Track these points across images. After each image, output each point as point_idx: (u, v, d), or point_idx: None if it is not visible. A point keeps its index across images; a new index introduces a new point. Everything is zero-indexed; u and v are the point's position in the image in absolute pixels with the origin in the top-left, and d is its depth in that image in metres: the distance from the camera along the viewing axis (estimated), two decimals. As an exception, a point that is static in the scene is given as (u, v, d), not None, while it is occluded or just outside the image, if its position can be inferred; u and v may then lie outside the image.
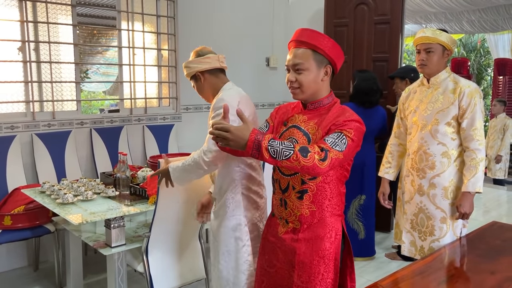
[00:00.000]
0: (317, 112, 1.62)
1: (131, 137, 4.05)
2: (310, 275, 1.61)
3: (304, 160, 1.37)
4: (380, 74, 4.20)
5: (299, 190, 1.61)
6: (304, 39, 1.59)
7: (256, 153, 1.38)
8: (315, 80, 1.59)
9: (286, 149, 1.37)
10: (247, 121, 1.43)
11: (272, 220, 1.79)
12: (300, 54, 1.58)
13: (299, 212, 1.63)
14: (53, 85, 3.61)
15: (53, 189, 2.76)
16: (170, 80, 4.43)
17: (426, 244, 2.49)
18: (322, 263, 1.61)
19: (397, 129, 2.71)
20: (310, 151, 1.39)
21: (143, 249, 2.40)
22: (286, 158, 1.37)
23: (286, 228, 1.69)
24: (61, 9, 3.70)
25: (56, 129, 3.59)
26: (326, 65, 1.60)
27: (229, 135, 1.38)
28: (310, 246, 1.62)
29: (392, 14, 4.10)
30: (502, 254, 2.11)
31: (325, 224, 1.62)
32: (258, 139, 1.37)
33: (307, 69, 1.57)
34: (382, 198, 2.72)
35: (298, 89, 1.60)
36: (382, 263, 3.62)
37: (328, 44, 1.59)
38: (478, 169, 2.30)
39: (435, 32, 2.39)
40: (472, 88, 2.35)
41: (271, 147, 1.37)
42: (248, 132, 1.38)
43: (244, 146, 1.38)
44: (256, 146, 1.37)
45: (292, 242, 1.65)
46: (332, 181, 1.61)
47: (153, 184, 2.58)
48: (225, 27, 4.75)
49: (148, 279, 2.39)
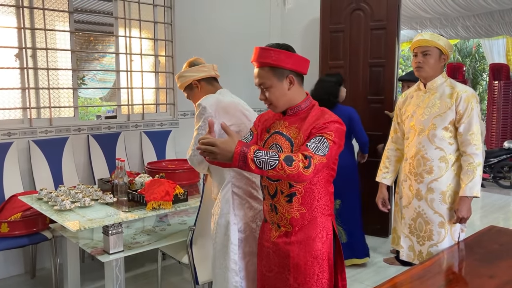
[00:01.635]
0: (297, 117, 1.68)
1: (128, 143, 4.04)
2: (306, 277, 1.65)
3: (289, 169, 1.42)
4: (376, 80, 4.23)
5: (287, 194, 1.65)
6: (259, 59, 1.64)
7: (243, 165, 1.44)
8: (283, 93, 1.64)
9: (271, 159, 1.42)
10: (232, 133, 1.49)
11: (265, 226, 1.82)
12: (261, 74, 1.65)
13: (289, 216, 1.66)
14: (50, 92, 3.61)
15: (51, 195, 2.75)
16: (168, 86, 4.43)
17: (424, 249, 2.49)
18: (316, 264, 1.65)
19: (394, 134, 2.72)
20: (294, 160, 1.44)
21: (188, 242, 2.47)
22: (272, 168, 1.43)
23: (278, 232, 1.72)
24: (58, 15, 3.70)
25: (53, 136, 3.58)
26: (288, 75, 1.63)
27: (216, 149, 1.44)
28: (303, 247, 1.66)
29: (388, 20, 4.13)
30: (501, 258, 2.11)
31: (316, 225, 1.66)
32: (244, 151, 1.43)
33: (271, 86, 1.63)
34: (380, 203, 2.72)
35: (272, 105, 1.68)
36: (380, 268, 3.62)
37: (281, 57, 1.61)
38: (475, 173, 2.30)
39: (433, 36, 2.41)
40: (469, 93, 2.37)
41: (256, 158, 1.42)
42: (233, 144, 1.44)
43: (230, 159, 1.44)
44: (242, 158, 1.43)
45: (286, 246, 1.69)
46: (319, 181, 1.65)
47: (151, 190, 2.57)
48: (222, 33, 4.76)
49: (193, 269, 2.49)
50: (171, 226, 3.01)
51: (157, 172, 2.97)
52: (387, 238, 4.22)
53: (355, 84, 4.33)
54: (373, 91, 4.26)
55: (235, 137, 1.47)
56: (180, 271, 3.49)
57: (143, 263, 3.63)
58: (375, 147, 4.05)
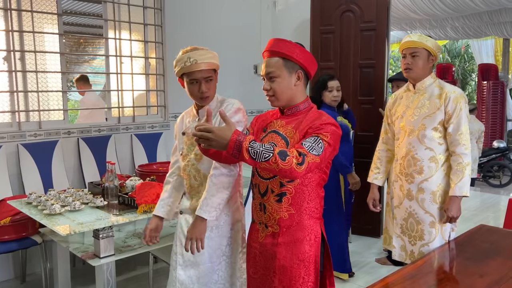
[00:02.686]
0: (295, 117, 1.68)
1: (119, 146, 4.01)
2: (291, 279, 1.64)
3: (283, 163, 1.41)
4: (367, 81, 4.25)
5: (278, 193, 1.64)
6: (274, 48, 1.66)
7: (237, 153, 1.42)
8: (288, 86, 1.65)
9: (266, 151, 1.41)
10: (230, 122, 1.47)
11: (252, 226, 1.82)
12: (271, 63, 1.65)
13: (278, 216, 1.65)
14: (39, 95, 3.57)
15: (40, 200, 2.72)
16: (158, 88, 4.41)
17: (416, 249, 2.51)
18: (303, 267, 1.64)
19: (384, 135, 2.73)
20: (288, 155, 1.43)
21: None
22: (265, 160, 1.41)
23: (265, 233, 1.72)
24: (47, 18, 3.67)
25: (42, 139, 3.55)
26: (298, 70, 1.66)
27: (211, 135, 1.42)
28: (290, 249, 1.65)
29: (378, 21, 4.15)
30: (490, 257, 2.13)
31: (304, 227, 1.65)
32: (240, 140, 1.41)
33: (279, 76, 1.64)
34: (371, 204, 2.73)
35: (273, 97, 1.67)
36: (372, 268, 3.63)
37: (296, 50, 1.65)
38: (464, 173, 2.32)
39: (421, 37, 2.43)
40: (457, 94, 2.39)
41: (251, 148, 1.41)
42: (230, 132, 1.42)
43: (225, 146, 1.42)
44: (237, 147, 1.41)
45: (272, 247, 1.68)
46: (311, 183, 1.65)
47: (141, 193, 2.56)
48: (213, 35, 4.76)
49: None
50: (163, 229, 2.98)
51: (148, 175, 2.96)
52: (379, 238, 4.24)
53: (345, 85, 4.34)
54: (363, 92, 4.28)
55: (232, 125, 1.45)
56: (172, 274, 3.47)
57: (135, 267, 3.60)
58: (365, 148, 4.06)
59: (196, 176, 2.03)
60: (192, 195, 2.06)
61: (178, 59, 1.92)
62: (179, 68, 1.91)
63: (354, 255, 3.86)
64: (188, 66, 1.87)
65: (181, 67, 1.89)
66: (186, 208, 2.07)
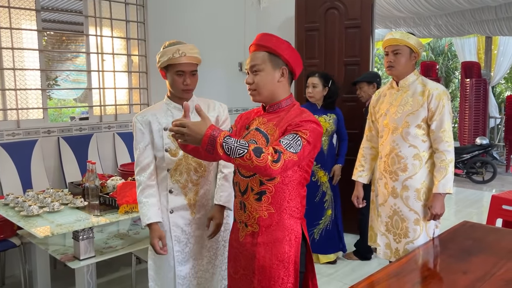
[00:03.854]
0: (276, 114, 1.66)
1: (101, 145, 3.94)
2: (270, 280, 1.61)
3: (257, 160, 1.39)
4: (351, 78, 4.24)
5: (257, 191, 1.62)
6: (261, 42, 1.65)
7: (211, 148, 1.40)
8: (271, 81, 1.64)
9: (240, 147, 1.39)
10: (205, 116, 1.44)
11: (234, 226, 1.80)
12: (257, 57, 1.64)
13: (257, 215, 1.63)
14: (17, 93, 3.48)
15: (17, 201, 2.65)
16: (141, 86, 4.35)
17: (401, 246, 2.50)
18: (282, 267, 1.61)
19: (368, 132, 2.73)
20: (264, 152, 1.41)
21: None
22: (239, 156, 1.39)
23: (245, 232, 1.69)
24: (25, 14, 3.58)
25: (21, 138, 3.46)
26: (282, 67, 1.65)
27: (186, 130, 1.40)
28: (270, 249, 1.62)
29: (362, 19, 4.15)
30: (474, 253, 2.13)
31: (284, 227, 1.63)
32: (214, 135, 1.39)
33: (263, 70, 1.62)
34: (356, 201, 2.73)
35: (255, 91, 1.65)
36: (357, 266, 3.63)
37: (282, 46, 1.65)
38: (448, 170, 2.33)
39: (403, 35, 2.42)
40: (440, 91, 2.38)
41: (225, 143, 1.39)
42: (205, 127, 1.40)
43: (199, 141, 1.40)
44: (211, 142, 1.39)
45: (252, 247, 1.66)
46: (291, 182, 1.62)
47: (123, 193, 2.51)
48: (197, 32, 4.70)
49: None
50: (145, 229, 2.94)
51: (130, 175, 2.90)
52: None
53: (330, 82, 4.34)
54: (348, 89, 4.27)
55: (207, 120, 1.43)
56: (156, 274, 3.42)
57: (118, 268, 3.54)
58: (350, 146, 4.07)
59: (197, 169, 2.05)
60: (186, 190, 2.05)
61: (166, 50, 1.94)
62: (166, 59, 1.92)
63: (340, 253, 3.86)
64: (177, 58, 1.90)
65: (169, 57, 1.91)
66: (182, 205, 2.05)
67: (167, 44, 1.99)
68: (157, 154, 2.05)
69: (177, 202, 2.05)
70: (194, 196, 2.07)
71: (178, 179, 2.04)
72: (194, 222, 2.08)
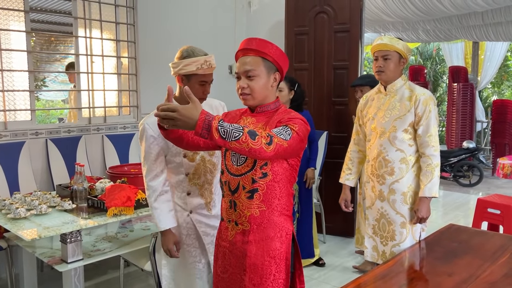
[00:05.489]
0: (264, 115, 1.69)
1: (89, 147, 3.92)
2: (262, 277, 1.63)
3: (252, 142, 1.41)
4: (341, 82, 4.28)
5: (249, 189, 1.63)
6: (253, 47, 1.65)
7: (206, 133, 1.38)
8: (266, 86, 1.66)
9: (236, 131, 1.40)
10: (195, 100, 1.42)
11: (222, 225, 1.79)
12: (251, 61, 1.64)
13: (249, 213, 1.64)
14: (4, 94, 3.45)
15: (4, 203, 2.62)
16: (131, 88, 4.33)
17: (387, 249, 2.53)
18: (274, 264, 1.64)
19: (356, 136, 2.76)
20: (257, 135, 1.44)
21: (150, 248, 2.41)
22: (235, 140, 1.39)
23: (235, 231, 1.70)
24: (13, 15, 3.54)
25: (8, 140, 3.42)
26: (275, 72, 1.68)
27: (177, 115, 1.37)
28: (261, 247, 1.64)
29: (352, 23, 4.19)
30: (459, 256, 2.17)
31: (275, 224, 1.65)
32: (209, 119, 1.38)
33: (258, 76, 1.63)
34: (343, 204, 2.75)
35: (249, 95, 1.66)
36: (346, 269, 3.66)
37: (276, 52, 1.67)
38: (433, 174, 2.36)
39: (392, 40, 2.46)
40: (426, 96, 2.42)
41: (221, 127, 1.39)
42: (197, 111, 1.38)
43: (193, 126, 1.38)
44: (206, 126, 1.38)
45: (243, 245, 1.67)
46: (282, 180, 1.64)
47: (111, 196, 2.50)
48: (187, 35, 4.70)
49: (156, 277, 2.42)
50: (134, 232, 2.94)
51: (118, 177, 2.89)
52: (352, 239, 4.27)
53: (319, 86, 4.38)
54: (337, 93, 4.31)
55: (198, 104, 1.41)
56: (145, 277, 3.41)
57: (106, 271, 3.52)
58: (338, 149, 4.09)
59: (212, 170, 2.12)
60: (203, 191, 2.12)
61: (193, 60, 1.94)
62: (194, 68, 1.93)
63: (327, 255, 3.88)
64: (205, 69, 1.95)
65: (197, 67, 1.93)
66: (200, 204, 2.12)
67: (185, 53, 1.97)
68: (174, 159, 2.05)
69: (195, 202, 2.12)
70: (210, 195, 2.15)
71: (196, 182, 2.10)
72: (213, 217, 2.15)
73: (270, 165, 1.61)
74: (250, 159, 1.61)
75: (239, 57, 1.70)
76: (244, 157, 1.63)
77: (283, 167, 1.63)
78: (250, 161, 1.62)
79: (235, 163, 1.65)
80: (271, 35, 4.93)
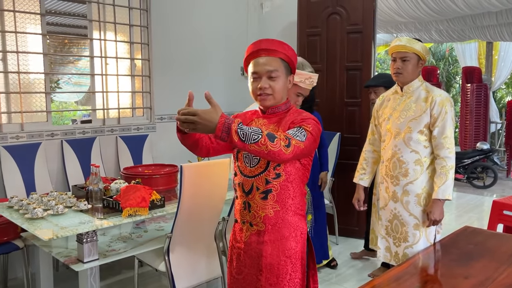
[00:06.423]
0: (276, 117, 1.71)
1: (104, 148, 3.96)
2: (278, 276, 1.65)
3: (271, 145, 1.43)
4: (353, 83, 4.26)
5: (263, 190, 1.64)
6: (276, 47, 1.67)
7: (226, 136, 1.41)
8: (285, 87, 1.69)
9: (255, 133, 1.42)
10: (215, 104, 1.44)
11: (235, 227, 1.80)
12: (272, 62, 1.65)
13: (263, 213, 1.65)
14: (21, 96, 3.51)
15: (22, 203, 2.66)
16: (144, 89, 4.37)
17: (400, 250, 2.52)
18: (289, 263, 1.66)
19: (371, 136, 2.75)
20: (276, 137, 1.46)
21: (165, 249, 2.45)
22: (255, 142, 1.42)
23: (250, 232, 1.71)
24: (29, 18, 3.60)
25: (25, 141, 3.48)
26: (291, 75, 1.72)
27: (197, 119, 1.39)
28: (277, 247, 1.66)
29: (364, 24, 4.17)
30: (475, 258, 2.15)
31: (289, 224, 1.67)
32: (228, 122, 1.41)
33: (279, 76, 1.66)
34: (357, 204, 2.75)
35: (271, 96, 1.66)
36: (359, 270, 3.64)
37: (293, 54, 1.71)
38: (448, 176, 2.34)
39: (410, 41, 2.43)
40: (443, 97, 2.40)
41: (240, 130, 1.41)
42: (216, 115, 1.41)
43: (213, 129, 1.40)
44: (226, 129, 1.40)
45: (258, 245, 1.68)
46: (295, 180, 1.66)
47: (126, 196, 2.52)
48: (200, 36, 4.73)
49: (170, 277, 2.46)
50: (148, 233, 2.96)
51: (133, 178, 2.92)
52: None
53: (332, 87, 4.37)
54: (350, 94, 4.30)
55: (218, 108, 1.43)
56: (158, 278, 3.44)
57: (120, 271, 3.55)
58: (352, 150, 4.08)
59: None
60: None
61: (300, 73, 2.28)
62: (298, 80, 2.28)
63: (340, 257, 3.87)
64: (306, 84, 2.35)
65: (300, 80, 2.30)
66: None
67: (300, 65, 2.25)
68: None
69: None
70: None
71: None
72: None
73: (283, 166, 1.62)
74: (263, 160, 1.62)
75: (254, 57, 1.69)
76: (257, 159, 1.64)
77: (296, 167, 1.65)
78: (263, 162, 1.63)
79: (248, 164, 1.67)
80: (283, 37, 4.94)
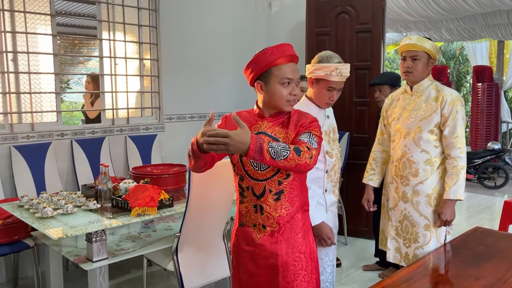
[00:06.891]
0: (279, 119, 1.73)
1: (113, 148, 3.98)
2: (295, 273, 1.69)
3: (299, 159, 1.49)
4: (362, 82, 4.24)
5: (276, 192, 1.67)
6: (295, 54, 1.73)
7: (258, 155, 1.45)
8: None
9: (284, 150, 1.47)
10: (244, 125, 1.46)
11: (242, 230, 1.77)
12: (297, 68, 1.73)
13: (277, 214, 1.68)
14: (32, 96, 3.54)
15: (32, 203, 2.69)
16: (153, 89, 4.39)
17: (410, 251, 2.50)
18: (304, 258, 1.71)
19: (380, 136, 2.73)
20: (301, 150, 1.51)
21: (173, 248, 2.45)
22: (284, 158, 1.47)
23: (263, 234, 1.71)
24: (40, 19, 3.64)
25: (35, 141, 3.51)
26: None
27: (229, 141, 1.40)
28: (290, 244, 1.70)
29: (373, 23, 4.14)
30: (486, 259, 2.12)
31: (298, 220, 1.72)
32: (260, 142, 1.45)
33: None
34: (366, 205, 2.73)
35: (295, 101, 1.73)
36: (368, 271, 3.61)
37: None
38: (459, 176, 2.31)
39: (420, 40, 2.41)
40: (454, 96, 2.37)
41: (271, 148, 1.46)
42: (247, 137, 1.43)
43: (245, 151, 1.43)
44: (258, 149, 1.44)
45: (272, 245, 1.70)
46: (300, 177, 1.72)
47: (135, 196, 2.53)
48: (208, 36, 4.74)
49: (179, 277, 2.46)
50: (157, 232, 2.97)
51: (142, 177, 2.93)
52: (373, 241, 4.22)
53: (341, 87, 4.34)
54: (359, 93, 4.27)
55: (246, 128, 1.45)
56: (167, 277, 3.45)
57: (129, 270, 3.57)
58: (360, 150, 4.06)
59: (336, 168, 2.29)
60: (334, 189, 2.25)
61: (325, 66, 2.06)
62: (323, 74, 2.06)
63: (349, 257, 3.85)
64: (334, 76, 2.06)
65: (326, 74, 2.05)
66: (333, 202, 2.24)
67: (320, 58, 2.10)
68: None
69: (331, 199, 2.21)
70: (337, 192, 2.28)
71: (332, 178, 2.20)
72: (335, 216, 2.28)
73: None
74: None
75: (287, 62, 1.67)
76: None
77: None
78: None
79: (257, 168, 1.67)
80: (292, 36, 4.92)
